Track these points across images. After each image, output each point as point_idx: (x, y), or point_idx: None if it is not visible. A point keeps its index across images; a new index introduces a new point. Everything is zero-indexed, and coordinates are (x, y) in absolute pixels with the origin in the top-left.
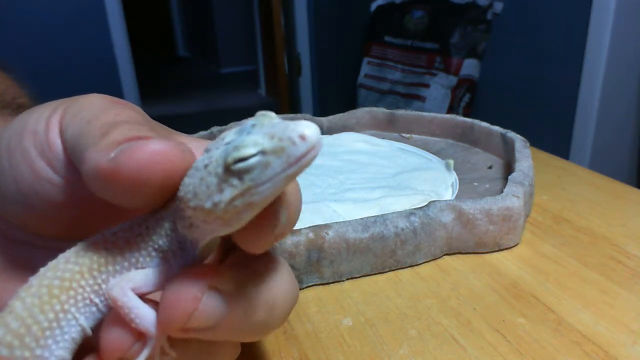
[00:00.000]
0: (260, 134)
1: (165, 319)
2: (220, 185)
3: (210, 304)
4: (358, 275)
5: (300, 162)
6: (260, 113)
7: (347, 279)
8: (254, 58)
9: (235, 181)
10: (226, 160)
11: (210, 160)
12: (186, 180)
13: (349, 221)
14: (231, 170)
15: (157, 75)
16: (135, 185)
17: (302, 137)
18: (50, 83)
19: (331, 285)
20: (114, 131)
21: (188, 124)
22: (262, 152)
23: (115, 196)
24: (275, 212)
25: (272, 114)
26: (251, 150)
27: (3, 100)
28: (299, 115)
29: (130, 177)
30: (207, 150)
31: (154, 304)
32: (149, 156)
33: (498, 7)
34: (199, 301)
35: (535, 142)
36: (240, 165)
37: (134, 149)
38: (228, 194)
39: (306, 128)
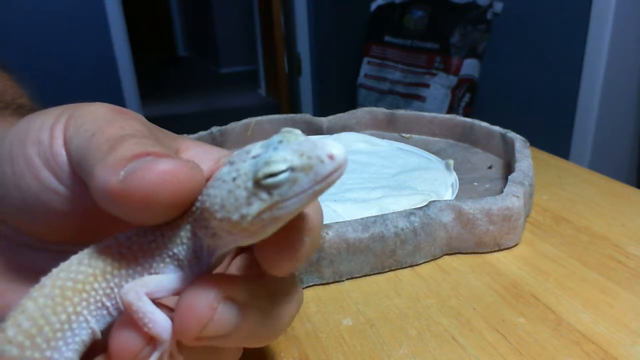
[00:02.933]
0: (289, 151)
1: (180, 328)
2: (249, 199)
3: (225, 314)
4: (358, 275)
5: (327, 180)
6: (285, 129)
7: (347, 279)
8: (254, 58)
9: (264, 195)
10: (256, 175)
11: (239, 173)
12: (212, 191)
13: (349, 221)
14: (261, 184)
15: (157, 75)
16: (145, 205)
17: (331, 157)
18: (50, 83)
19: (331, 285)
20: (121, 146)
21: (188, 124)
22: (292, 169)
23: (125, 214)
24: (299, 239)
25: (298, 131)
26: (281, 166)
27: (3, 100)
28: (298, 115)
29: (140, 197)
30: (231, 163)
31: (167, 309)
32: (159, 177)
33: (498, 7)
34: (214, 311)
35: (535, 142)
36: (270, 180)
37: (143, 170)
38: (256, 207)
39: (334, 148)
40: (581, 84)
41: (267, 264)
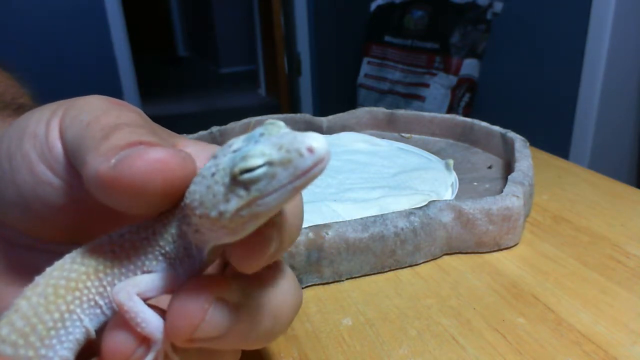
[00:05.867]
0: (268, 144)
1: (172, 330)
2: (227, 195)
3: (217, 315)
4: (358, 275)
5: (307, 175)
6: (269, 122)
7: (347, 279)
8: (254, 58)
9: (241, 191)
10: (233, 170)
11: (217, 168)
12: (192, 187)
13: (349, 221)
14: (238, 180)
15: (157, 75)
16: (136, 193)
17: (310, 150)
18: (50, 83)
19: (331, 285)
20: (115, 135)
21: (188, 124)
22: (269, 163)
23: (116, 202)
24: (267, 237)
25: (281, 124)
26: (258, 161)
27: (3, 100)
28: (298, 115)
29: (130, 185)
30: (214, 157)
31: (159, 311)
32: (149, 164)
33: (498, 7)
34: (205, 312)
35: (535, 142)
36: (247, 175)
37: (134, 157)
38: (234, 204)
39: (314, 140)
40: (581, 84)
41: (233, 260)
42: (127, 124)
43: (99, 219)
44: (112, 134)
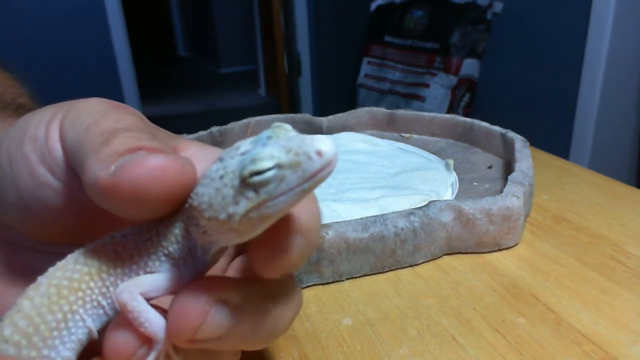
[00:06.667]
0: (276, 147)
1: (173, 330)
2: (236, 198)
3: (218, 317)
4: (358, 275)
5: (316, 177)
6: (275, 125)
7: (347, 279)
8: (254, 58)
9: (251, 194)
10: (242, 173)
11: (226, 170)
12: (200, 189)
13: (349, 221)
14: (247, 182)
15: (157, 75)
16: (136, 200)
17: (319, 153)
18: (50, 83)
19: (331, 285)
20: (115, 140)
21: (188, 124)
22: (279, 166)
23: (115, 208)
24: (289, 242)
25: (288, 126)
26: (268, 164)
27: (3, 100)
28: (298, 115)
29: (130, 192)
30: (220, 160)
31: (162, 311)
32: (149, 172)
33: (498, 7)
34: (207, 314)
35: (535, 142)
36: (257, 178)
37: (133, 164)
38: (243, 206)
39: (323, 144)
40: (581, 84)
41: (257, 265)
42: (126, 128)
43: (99, 221)
44: (112, 139)
